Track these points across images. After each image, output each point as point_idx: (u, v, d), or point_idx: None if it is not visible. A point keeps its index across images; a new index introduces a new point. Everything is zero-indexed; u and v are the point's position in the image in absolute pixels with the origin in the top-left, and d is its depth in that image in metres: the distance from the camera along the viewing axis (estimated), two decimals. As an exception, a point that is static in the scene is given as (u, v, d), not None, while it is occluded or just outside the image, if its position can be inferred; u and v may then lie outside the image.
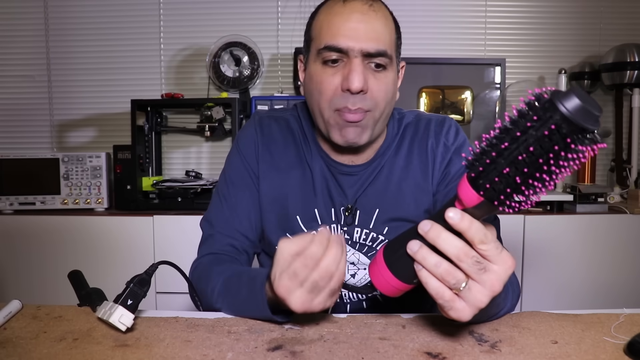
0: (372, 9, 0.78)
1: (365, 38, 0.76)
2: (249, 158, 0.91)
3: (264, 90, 2.27)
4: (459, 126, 0.92)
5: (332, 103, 0.79)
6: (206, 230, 0.90)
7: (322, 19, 0.81)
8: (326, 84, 0.79)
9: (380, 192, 0.87)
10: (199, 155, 2.30)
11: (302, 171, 0.89)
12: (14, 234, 1.88)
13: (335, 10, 0.79)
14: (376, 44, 0.77)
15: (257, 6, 2.24)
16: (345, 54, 0.77)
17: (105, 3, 2.26)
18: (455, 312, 0.52)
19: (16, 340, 0.64)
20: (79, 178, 1.97)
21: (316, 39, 0.81)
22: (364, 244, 0.88)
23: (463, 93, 2.10)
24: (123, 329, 0.64)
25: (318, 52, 0.79)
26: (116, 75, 2.28)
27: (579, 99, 0.41)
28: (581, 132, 0.41)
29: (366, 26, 0.77)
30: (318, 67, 0.80)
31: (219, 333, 0.66)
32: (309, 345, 0.61)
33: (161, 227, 1.85)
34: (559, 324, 0.69)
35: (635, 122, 2.10)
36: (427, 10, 2.25)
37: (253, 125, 0.94)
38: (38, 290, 1.87)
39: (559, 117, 0.41)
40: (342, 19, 0.77)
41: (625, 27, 2.24)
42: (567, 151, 0.42)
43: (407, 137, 0.90)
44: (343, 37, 0.76)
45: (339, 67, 0.78)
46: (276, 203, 0.89)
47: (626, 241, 1.85)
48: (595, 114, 0.42)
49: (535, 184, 0.44)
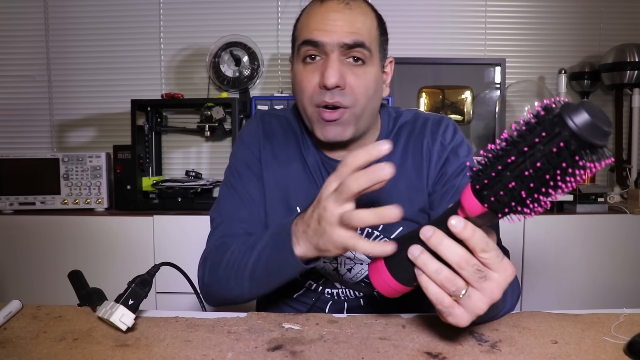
0: (348, 6, 0.80)
1: (341, 30, 0.78)
2: (253, 148, 0.92)
3: (264, 90, 2.27)
4: (456, 125, 0.92)
5: (312, 100, 0.81)
6: (217, 219, 0.90)
7: (302, 19, 0.84)
8: (306, 81, 0.81)
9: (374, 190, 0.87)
10: (199, 155, 2.30)
11: (302, 165, 0.91)
12: (14, 234, 1.88)
13: (313, 10, 0.82)
14: (353, 36, 0.78)
15: (257, 6, 2.25)
16: (322, 50, 0.78)
17: (105, 3, 2.26)
18: (453, 318, 0.52)
19: (16, 340, 0.64)
20: (79, 178, 1.97)
21: (297, 39, 0.84)
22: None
23: (463, 93, 2.10)
24: (124, 328, 0.64)
25: (298, 50, 0.82)
26: (116, 75, 2.28)
27: (588, 114, 0.40)
28: (590, 148, 0.40)
29: (343, 19, 0.78)
30: (300, 66, 0.82)
31: (219, 333, 0.66)
32: (309, 345, 0.61)
33: (161, 227, 1.85)
34: (559, 324, 0.69)
35: (635, 122, 2.10)
36: (427, 10, 2.25)
37: (255, 121, 0.96)
38: (38, 290, 1.87)
39: (567, 134, 0.40)
40: (320, 16, 0.80)
41: (625, 27, 2.24)
42: (574, 167, 0.41)
43: (403, 136, 0.91)
44: (319, 31, 0.78)
45: (317, 64, 0.80)
46: (278, 193, 0.90)
47: (626, 241, 1.85)
48: (605, 130, 0.41)
49: (540, 197, 0.44)
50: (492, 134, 2.22)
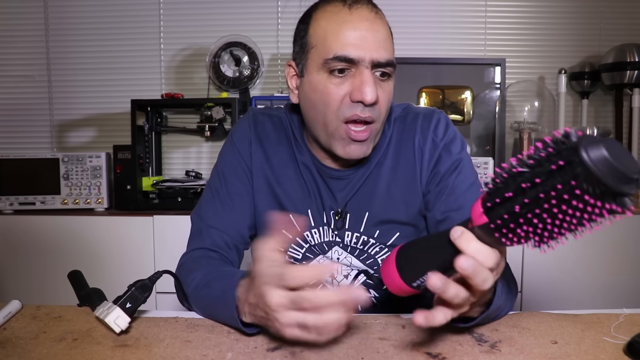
0: (377, 16, 0.77)
1: (375, 47, 0.74)
2: (243, 152, 0.90)
3: (263, 90, 2.27)
4: (448, 119, 0.88)
5: (339, 113, 0.76)
6: (196, 224, 0.89)
7: (326, 25, 0.76)
8: (333, 94, 0.76)
9: (369, 195, 0.86)
10: (199, 155, 2.30)
11: (295, 170, 0.88)
12: (14, 234, 1.88)
13: (341, 17, 0.75)
14: (385, 54, 0.76)
15: (257, 6, 2.24)
16: (354, 64, 0.75)
17: (105, 3, 2.26)
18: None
19: (16, 340, 0.64)
20: (79, 178, 1.97)
21: (320, 46, 0.77)
22: (356, 247, 0.87)
23: (463, 93, 2.10)
24: (117, 330, 0.64)
25: (325, 62, 0.75)
26: (116, 75, 2.28)
27: (607, 151, 0.36)
28: (601, 188, 0.37)
29: (374, 35, 0.75)
30: (323, 77, 0.77)
31: (218, 333, 0.66)
32: (309, 345, 0.61)
33: (161, 227, 1.85)
34: (558, 324, 0.69)
35: (635, 122, 2.10)
36: (427, 10, 2.24)
37: (247, 120, 0.92)
38: (38, 290, 1.87)
39: (578, 167, 0.37)
40: (351, 27, 0.74)
41: (625, 27, 2.24)
42: (585, 206, 0.38)
43: (395, 134, 0.88)
44: (353, 46, 0.74)
45: (347, 77, 0.76)
46: (271, 198, 0.88)
47: (626, 241, 1.85)
48: (627, 174, 0.36)
49: (549, 229, 0.42)
50: (492, 134, 2.22)
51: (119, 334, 0.65)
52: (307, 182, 0.87)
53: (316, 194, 0.87)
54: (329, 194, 0.87)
